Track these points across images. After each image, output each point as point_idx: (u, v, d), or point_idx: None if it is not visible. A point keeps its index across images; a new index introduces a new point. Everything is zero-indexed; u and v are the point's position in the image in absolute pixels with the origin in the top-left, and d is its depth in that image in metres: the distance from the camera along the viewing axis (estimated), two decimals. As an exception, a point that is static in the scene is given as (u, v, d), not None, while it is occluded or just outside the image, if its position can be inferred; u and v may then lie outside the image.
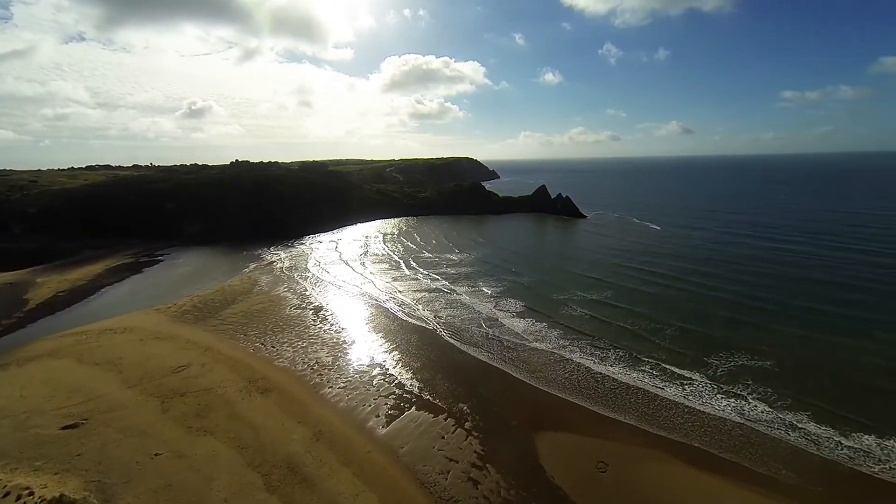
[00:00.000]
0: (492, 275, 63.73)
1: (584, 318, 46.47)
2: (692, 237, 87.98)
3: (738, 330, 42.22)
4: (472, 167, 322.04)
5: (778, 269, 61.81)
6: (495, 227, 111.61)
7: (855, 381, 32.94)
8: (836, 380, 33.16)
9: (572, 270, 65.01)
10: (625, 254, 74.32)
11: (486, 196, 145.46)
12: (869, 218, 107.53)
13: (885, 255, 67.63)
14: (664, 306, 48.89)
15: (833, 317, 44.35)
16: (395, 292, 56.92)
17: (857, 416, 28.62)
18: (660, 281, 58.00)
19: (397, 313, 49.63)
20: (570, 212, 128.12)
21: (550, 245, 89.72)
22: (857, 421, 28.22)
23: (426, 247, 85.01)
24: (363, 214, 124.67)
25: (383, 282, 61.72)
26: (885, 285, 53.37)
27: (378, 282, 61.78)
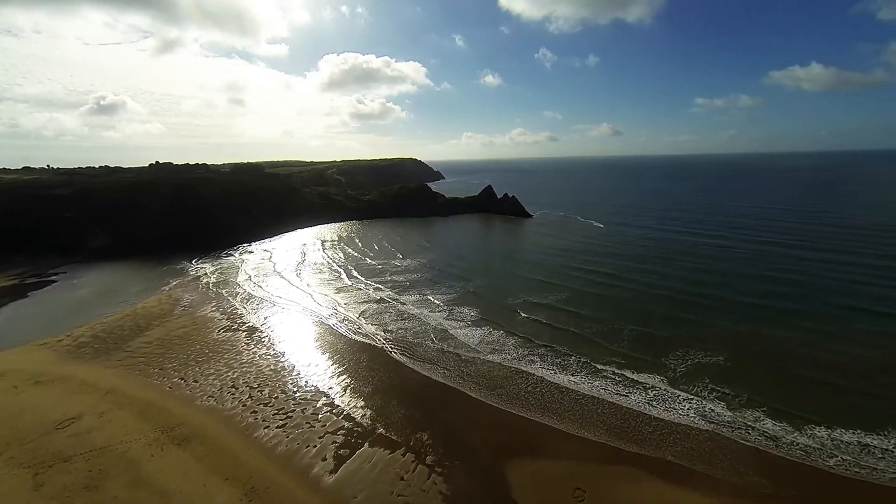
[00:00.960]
0: (441, 281, 60.85)
1: (539, 324, 45.02)
2: (632, 234, 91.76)
3: (686, 327, 43.11)
4: (416, 168, 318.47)
5: (712, 264, 65.43)
6: (443, 229, 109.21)
7: (796, 373, 34.24)
8: (779, 373, 34.36)
9: (523, 273, 64.00)
10: (573, 254, 75.09)
11: (432, 197, 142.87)
12: (776, 212, 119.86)
13: (797, 247, 74.52)
14: (616, 307, 49.06)
15: (767, 310, 46.78)
16: (337, 306, 52.04)
17: (804, 411, 29.41)
18: (609, 281, 58.61)
19: (341, 330, 45.07)
20: (516, 211, 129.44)
21: (499, 247, 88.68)
22: (805, 415, 28.95)
23: (371, 253, 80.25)
24: (304, 219, 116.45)
25: (324, 295, 56.31)
26: (804, 276, 58.10)
27: (318, 295, 56.24)
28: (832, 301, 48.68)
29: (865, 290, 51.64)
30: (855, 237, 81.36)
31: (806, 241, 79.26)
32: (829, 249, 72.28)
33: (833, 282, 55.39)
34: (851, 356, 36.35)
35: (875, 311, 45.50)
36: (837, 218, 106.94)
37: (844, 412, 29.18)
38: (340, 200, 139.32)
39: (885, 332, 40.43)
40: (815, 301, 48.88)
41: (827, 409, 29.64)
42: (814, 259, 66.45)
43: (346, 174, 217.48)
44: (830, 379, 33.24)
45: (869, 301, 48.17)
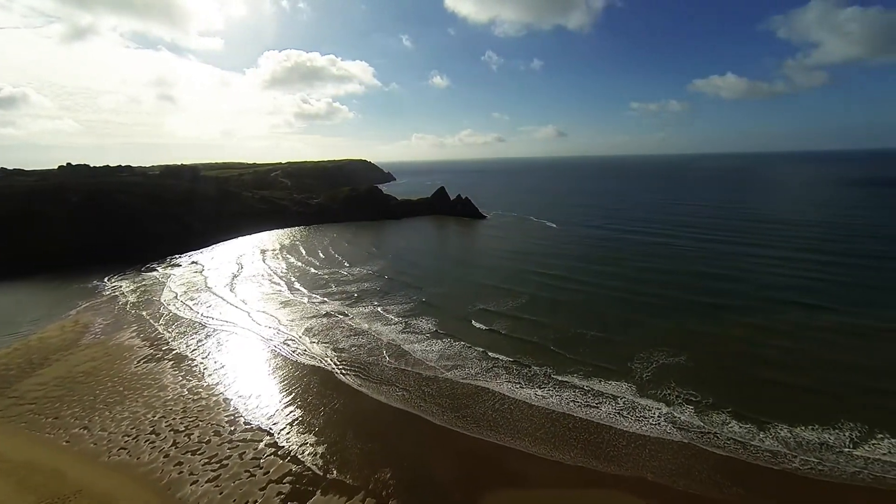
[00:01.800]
0: (393, 291, 57.16)
1: (499, 335, 42.79)
2: (584, 234, 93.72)
3: (645, 329, 43.12)
4: (366, 170, 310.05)
5: (660, 263, 67.50)
6: (395, 233, 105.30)
7: (749, 371, 34.68)
8: (734, 372, 34.70)
9: (479, 279, 61.84)
10: (529, 256, 74.57)
11: (384, 200, 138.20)
12: (708, 209, 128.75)
13: (730, 243, 79.44)
14: (575, 312, 48.18)
15: (713, 308, 48.09)
16: (280, 324, 46.81)
17: (762, 410, 29.53)
18: (565, 285, 58.02)
19: (285, 353, 40.28)
20: (470, 213, 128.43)
21: (454, 251, 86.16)
22: (764, 415, 29.03)
23: (317, 262, 74.71)
24: (244, 227, 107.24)
25: (264, 313, 50.55)
26: (741, 271, 61.30)
27: (258, 313, 50.39)
28: (767, 295, 51.26)
29: (792, 283, 55.12)
30: (775, 232, 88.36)
31: (737, 237, 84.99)
32: (757, 244, 77.66)
33: (765, 276, 58.85)
34: (793, 351, 37.63)
35: (803, 302, 48.31)
36: (758, 213, 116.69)
37: (797, 409, 29.66)
38: (286, 205, 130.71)
39: (815, 325, 42.69)
40: (753, 296, 51.21)
41: (781, 406, 30.05)
42: (746, 254, 70.81)
43: (292, 177, 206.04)
44: (779, 376, 33.90)
45: (796, 294, 51.18)
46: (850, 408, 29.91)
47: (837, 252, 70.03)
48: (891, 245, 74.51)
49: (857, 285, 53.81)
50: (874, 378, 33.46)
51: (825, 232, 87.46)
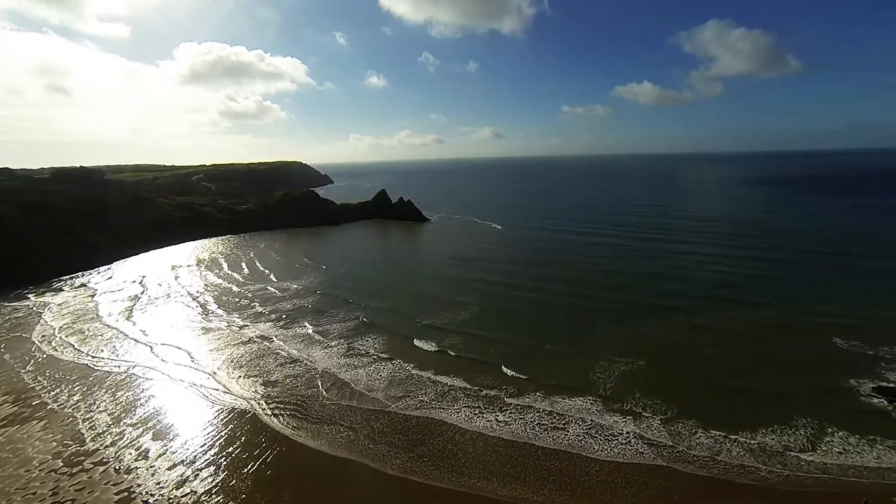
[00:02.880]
0: (330, 309, 51.18)
1: (449, 355, 38.82)
2: (529, 236, 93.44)
3: (599, 336, 41.79)
4: (302, 172, 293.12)
5: (605, 265, 67.87)
6: (333, 241, 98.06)
7: (702, 374, 34.33)
8: (690, 377, 34.08)
9: (425, 291, 57.40)
10: (476, 263, 71.52)
11: (321, 205, 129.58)
12: (641, 207, 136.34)
13: (670, 241, 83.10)
14: (527, 323, 45.68)
15: (662, 309, 48.08)
16: (193, 359, 39.31)
17: (724, 417, 29.09)
18: (515, 293, 55.35)
19: (200, 395, 33.49)
20: (413, 216, 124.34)
21: (397, 259, 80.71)
22: (727, 423, 28.53)
23: (240, 278, 66.17)
24: (159, 238, 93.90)
25: (173, 345, 42.42)
26: (681, 270, 63.29)
27: (164, 346, 42.05)
28: (708, 293, 52.61)
29: (728, 280, 57.64)
30: (703, 228, 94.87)
31: (671, 234, 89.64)
32: (690, 241, 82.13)
33: (703, 273, 61.15)
34: (740, 351, 38.06)
35: (741, 300, 49.99)
36: (685, 210, 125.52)
37: (753, 412, 29.46)
38: (209, 212, 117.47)
39: (755, 322, 44.14)
40: (695, 295, 52.32)
41: (738, 410, 29.76)
42: (682, 252, 74.05)
43: (218, 180, 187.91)
44: (731, 378, 33.71)
45: (734, 291, 53.23)
46: (800, 406, 30.32)
47: (761, 247, 75.41)
48: (802, 239, 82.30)
49: (784, 279, 57.43)
50: (814, 374, 34.66)
51: (746, 228, 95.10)
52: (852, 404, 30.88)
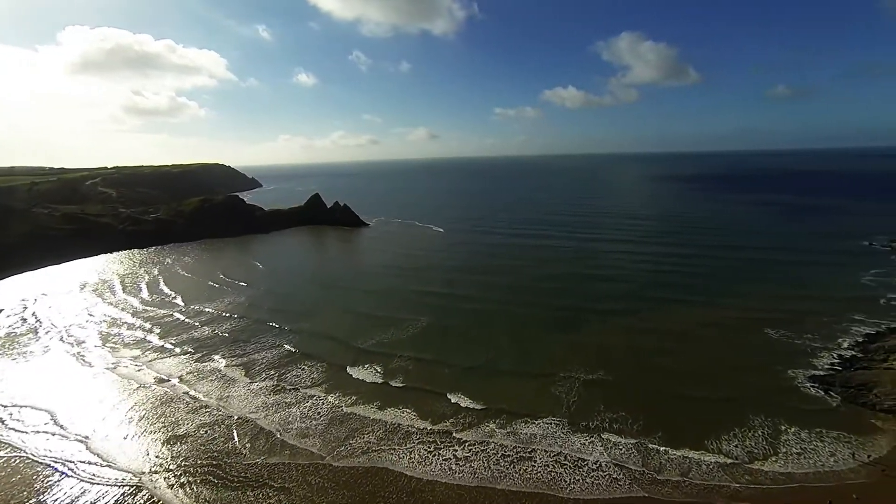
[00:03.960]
0: (250, 338, 43.58)
1: (393, 384, 34.23)
2: (472, 240, 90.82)
3: (552, 346, 39.86)
4: (226, 176, 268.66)
5: (552, 268, 66.62)
6: (260, 251, 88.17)
7: (661, 383, 33.42)
8: (650, 386, 33.02)
9: (363, 308, 51.50)
10: (419, 272, 66.94)
11: (248, 211, 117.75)
12: (578, 207, 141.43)
13: (608, 241, 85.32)
14: (476, 339, 42.16)
15: (616, 314, 47.14)
16: (60, 422, 30.41)
17: (687, 429, 28.08)
18: (461, 305, 51.55)
19: (67, 472, 25.73)
20: (350, 221, 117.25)
21: (333, 271, 73.08)
22: (690, 436, 27.48)
23: (137, 304, 55.45)
24: (34, 258, 77.73)
25: (30, 405, 32.64)
26: (627, 271, 63.95)
27: (18, 408, 32.35)
28: (651, 294, 52.93)
29: (667, 280, 59.00)
30: (636, 226, 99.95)
31: (607, 233, 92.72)
32: (626, 240, 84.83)
33: (642, 274, 62.28)
34: (686, 354, 38.00)
35: (681, 299, 51.06)
36: (616, 209, 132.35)
37: (710, 419, 29.04)
38: (107, 223, 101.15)
39: (696, 321, 44.81)
40: (639, 296, 52.52)
41: (697, 418, 29.17)
42: (621, 252, 75.58)
43: (122, 186, 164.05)
44: (685, 384, 33.26)
45: (673, 291, 54.28)
46: (751, 406, 30.47)
47: (684, 243, 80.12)
48: (715, 235, 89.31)
49: (708, 275, 60.32)
50: (757, 371, 35.48)
51: (669, 224, 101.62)
52: (795, 397, 31.68)
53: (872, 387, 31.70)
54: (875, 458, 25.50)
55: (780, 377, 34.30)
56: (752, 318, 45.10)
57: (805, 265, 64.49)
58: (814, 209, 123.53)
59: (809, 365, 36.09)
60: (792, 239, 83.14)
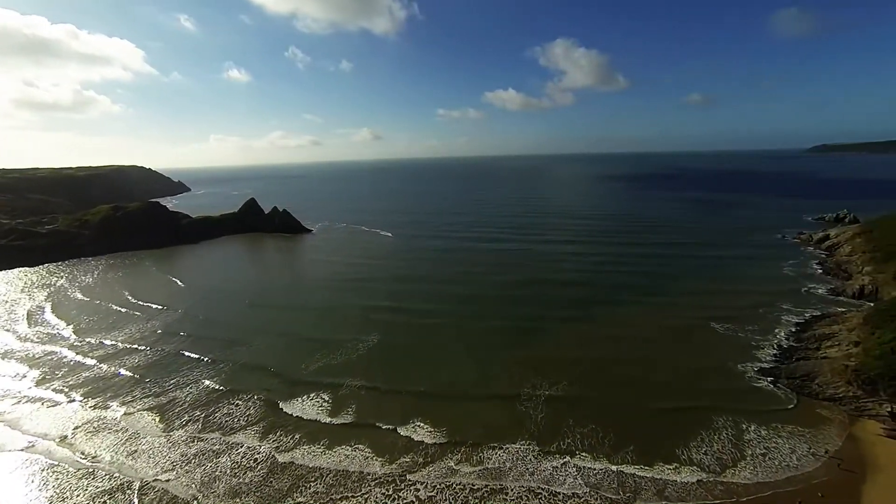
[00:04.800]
0: (164, 374, 36.73)
1: (342, 420, 29.73)
2: (423, 245, 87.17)
3: (513, 360, 37.42)
4: (146, 179, 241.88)
5: (508, 274, 64.39)
6: (185, 265, 78.70)
7: (630, 396, 32.24)
8: (618, 400, 31.60)
9: (306, 330, 45.63)
10: (367, 284, 61.72)
11: (170, 219, 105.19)
12: (526, 207, 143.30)
13: (561, 242, 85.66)
14: (432, 357, 38.78)
15: (576, 322, 45.82)
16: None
17: (655, 441, 27.20)
18: (414, 321, 47.47)
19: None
20: (291, 227, 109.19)
21: (270, 285, 65.08)
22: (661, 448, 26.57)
23: (21, 338, 45.74)
24: None
25: None
26: (585, 273, 63.61)
27: None
28: (611, 298, 52.46)
29: (624, 281, 58.86)
30: (586, 227, 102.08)
31: (559, 234, 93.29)
32: (579, 241, 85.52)
33: (599, 276, 62.13)
34: (644, 358, 37.53)
35: (640, 301, 51.00)
36: (565, 208, 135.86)
37: (680, 426, 28.61)
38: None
39: (648, 322, 45.13)
40: (600, 300, 51.79)
41: (665, 426, 28.59)
42: (575, 253, 75.64)
43: (7, 192, 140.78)
44: (647, 393, 32.43)
45: (619, 292, 54.38)
46: (712, 406, 30.59)
47: (631, 242, 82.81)
48: (655, 233, 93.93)
49: (655, 274, 61.96)
50: (711, 369, 36.09)
51: (613, 223, 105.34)
52: (750, 394, 32.29)
53: (814, 377, 33.14)
54: (831, 452, 26.10)
55: (734, 374, 35.02)
56: (699, 315, 46.36)
57: (734, 259, 68.77)
58: (729, 205, 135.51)
59: (755, 358, 37.37)
60: (717, 234, 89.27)
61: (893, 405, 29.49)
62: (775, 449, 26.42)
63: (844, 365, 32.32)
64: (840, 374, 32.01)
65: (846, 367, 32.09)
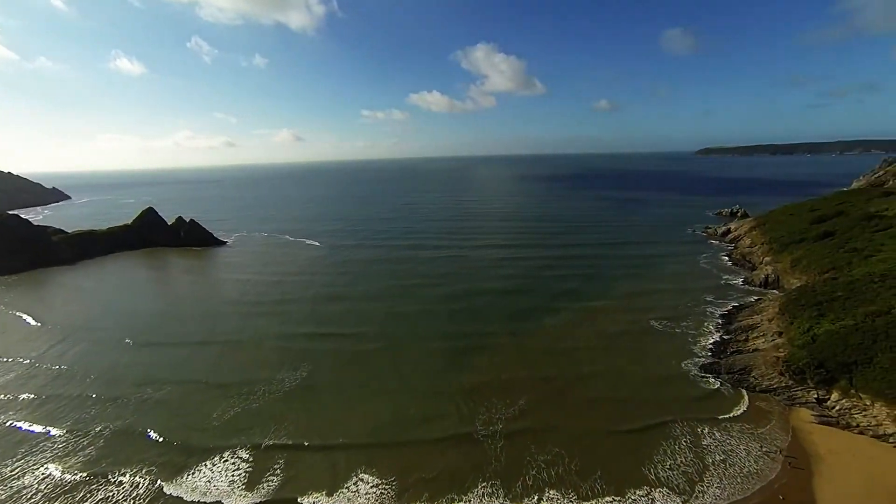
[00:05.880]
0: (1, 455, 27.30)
1: (259, 496, 23.59)
2: (356, 256, 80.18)
3: (461, 391, 33.60)
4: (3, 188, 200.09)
5: (450, 286, 60.15)
6: (49, 295, 63.19)
7: (590, 422, 30.00)
8: (580, 428, 28.87)
9: (213, 373, 37.03)
10: (290, 305, 53.74)
11: (35, 236, 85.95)
12: (461, 210, 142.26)
13: (501, 247, 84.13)
14: (370, 394, 33.53)
15: (525, 336, 43.05)
16: None
17: (631, 465, 25.81)
18: (351, 346, 41.66)
19: None
20: (200, 240, 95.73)
21: (167, 315, 52.62)
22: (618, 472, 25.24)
23: None
24: None
25: None
26: (528, 280, 61.78)
27: None
28: (556, 305, 50.84)
29: (556, 287, 57.85)
30: (523, 229, 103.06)
31: (499, 238, 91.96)
32: (519, 245, 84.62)
33: (542, 281, 61.22)
34: (596, 369, 36.33)
35: (576, 307, 49.88)
36: (499, 210, 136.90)
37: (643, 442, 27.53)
38: None
39: (598, 328, 44.66)
40: (546, 308, 50.08)
41: (629, 445, 27.31)
42: (515, 258, 74.44)
43: None
44: (602, 411, 31.00)
45: (564, 299, 53.18)
46: (667, 413, 30.30)
47: (569, 245, 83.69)
48: (590, 234, 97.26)
49: (592, 277, 62.09)
50: (660, 376, 36.24)
51: (549, 226, 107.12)
52: (696, 393, 32.83)
53: (750, 370, 34.47)
54: (780, 449, 26.56)
55: (679, 375, 35.42)
56: (637, 316, 46.78)
57: (657, 257, 72.27)
58: (640, 202, 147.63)
59: (695, 354, 38.51)
60: (636, 232, 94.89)
61: (819, 391, 31.49)
62: (732, 453, 26.34)
63: (776, 357, 33.99)
64: (773, 365, 33.56)
65: (777, 358, 33.76)
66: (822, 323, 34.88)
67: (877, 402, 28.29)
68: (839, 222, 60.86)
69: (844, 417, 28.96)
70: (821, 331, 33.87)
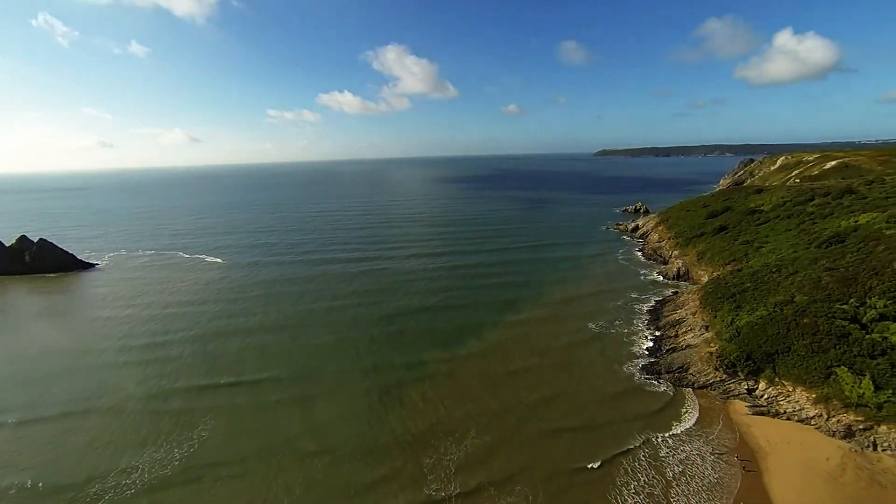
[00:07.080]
0: None
1: None
2: (265, 275, 69.63)
3: (407, 434, 29.40)
4: None
5: (383, 304, 53.72)
6: None
7: (548, 442, 29.07)
8: (538, 451, 27.13)
9: (42, 470, 26.19)
10: (182, 348, 42.91)
11: None
12: (383, 216, 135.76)
13: (433, 255, 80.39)
14: (296, 454, 27.81)
15: (465, 360, 39.06)
16: None
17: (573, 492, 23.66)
18: (251, 399, 33.44)
19: None
20: (56, 264, 76.58)
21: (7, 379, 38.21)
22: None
23: None
24: None
25: None
26: (462, 293, 57.71)
27: None
28: (497, 320, 47.74)
29: (493, 297, 54.92)
30: (437, 236, 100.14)
31: (428, 247, 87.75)
32: (438, 253, 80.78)
33: (479, 291, 58.19)
34: (548, 385, 34.70)
35: (514, 320, 47.48)
36: (421, 215, 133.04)
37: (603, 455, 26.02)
38: None
39: (541, 335, 43.83)
40: (487, 323, 46.90)
41: (597, 480, 25.84)
42: (448, 267, 70.68)
43: None
44: (561, 433, 29.85)
45: (501, 309, 51.32)
46: (624, 427, 29.13)
47: (499, 251, 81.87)
48: (512, 236, 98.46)
49: (528, 284, 60.32)
50: (608, 386, 35.48)
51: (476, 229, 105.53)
52: (643, 400, 32.38)
53: (688, 367, 35.18)
54: (731, 452, 26.57)
55: (623, 379, 35.17)
56: (576, 325, 45.63)
57: (579, 257, 73.67)
58: (552, 202, 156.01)
59: (631, 354, 38.81)
60: (555, 232, 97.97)
61: (748, 382, 32.96)
62: (688, 462, 25.83)
63: (708, 352, 35.09)
64: (707, 361, 34.54)
65: (710, 353, 34.85)
66: (741, 315, 36.95)
67: (797, 388, 30.10)
68: (729, 217, 68.04)
69: (773, 406, 30.38)
70: (742, 322, 35.73)
